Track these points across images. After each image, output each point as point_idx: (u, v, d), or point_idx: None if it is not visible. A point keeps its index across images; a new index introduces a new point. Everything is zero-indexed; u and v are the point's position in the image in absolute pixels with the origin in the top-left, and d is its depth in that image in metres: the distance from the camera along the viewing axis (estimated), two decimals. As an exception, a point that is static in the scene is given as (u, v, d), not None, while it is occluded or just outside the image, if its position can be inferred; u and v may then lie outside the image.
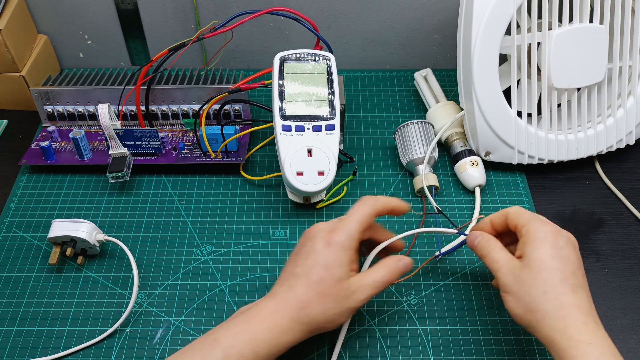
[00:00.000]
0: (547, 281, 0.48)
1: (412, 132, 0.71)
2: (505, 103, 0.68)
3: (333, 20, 0.84)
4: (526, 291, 0.48)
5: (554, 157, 0.71)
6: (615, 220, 0.69)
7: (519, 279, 0.49)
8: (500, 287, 0.51)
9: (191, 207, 0.70)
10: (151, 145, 0.72)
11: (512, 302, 0.49)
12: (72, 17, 0.83)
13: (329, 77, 0.67)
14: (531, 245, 0.50)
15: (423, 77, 0.82)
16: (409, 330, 0.59)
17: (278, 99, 0.65)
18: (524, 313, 0.48)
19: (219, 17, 0.82)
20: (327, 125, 0.65)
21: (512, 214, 0.53)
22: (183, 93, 0.74)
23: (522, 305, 0.48)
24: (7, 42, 0.75)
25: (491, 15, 0.63)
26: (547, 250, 0.49)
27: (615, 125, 0.71)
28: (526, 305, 0.48)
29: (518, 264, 0.50)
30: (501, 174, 0.73)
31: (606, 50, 0.67)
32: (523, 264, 0.49)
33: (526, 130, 0.69)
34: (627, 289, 0.63)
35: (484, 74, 0.66)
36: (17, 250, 0.66)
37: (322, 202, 0.69)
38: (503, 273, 0.50)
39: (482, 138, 0.69)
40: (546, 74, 0.67)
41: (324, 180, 0.64)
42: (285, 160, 0.64)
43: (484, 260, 0.53)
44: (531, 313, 0.48)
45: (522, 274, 0.49)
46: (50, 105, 0.75)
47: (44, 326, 0.60)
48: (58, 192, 0.72)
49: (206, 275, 0.64)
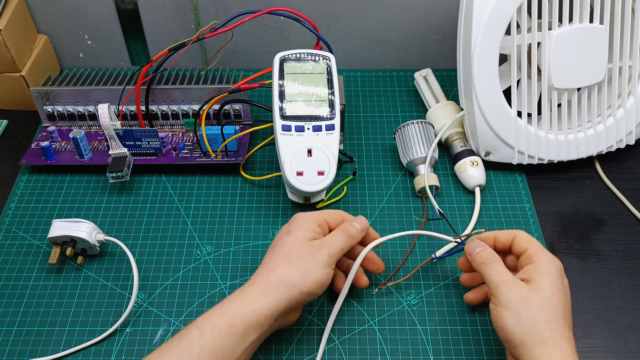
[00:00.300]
0: (553, 311, 0.49)
1: (412, 132, 0.71)
2: (505, 103, 0.68)
3: (333, 20, 0.84)
4: (531, 314, 0.49)
5: (554, 157, 0.71)
6: (615, 220, 0.69)
7: (525, 300, 0.49)
8: (498, 301, 0.50)
9: (191, 207, 0.70)
10: (151, 145, 0.72)
11: (510, 319, 0.49)
12: (72, 17, 0.83)
13: (329, 77, 0.67)
14: (543, 274, 0.51)
15: (423, 77, 0.82)
16: (409, 330, 0.59)
17: (278, 99, 0.65)
18: (523, 334, 0.48)
19: (219, 17, 0.82)
20: (327, 125, 0.65)
21: (522, 238, 0.54)
22: (183, 93, 0.74)
23: (522, 325, 0.49)
24: (7, 42, 0.75)
25: (491, 15, 0.63)
26: (557, 283, 0.50)
27: (615, 125, 0.71)
28: (527, 327, 0.48)
29: (525, 285, 0.50)
30: (501, 174, 0.73)
31: (606, 50, 0.67)
32: (532, 288, 0.50)
33: (526, 130, 0.69)
34: (627, 289, 0.63)
35: (484, 74, 0.66)
36: (17, 250, 0.66)
37: (322, 202, 0.69)
38: (508, 288, 0.50)
39: (482, 138, 0.69)
40: (546, 74, 0.67)
41: (324, 180, 0.64)
42: (285, 160, 0.64)
43: (482, 268, 0.53)
44: (530, 335, 0.48)
45: (530, 296, 0.49)
46: (50, 105, 0.75)
47: (44, 326, 0.60)
48: (58, 192, 0.72)
49: (206, 275, 0.64)
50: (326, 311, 0.60)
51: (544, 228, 0.68)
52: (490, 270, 0.52)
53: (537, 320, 0.48)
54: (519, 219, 0.68)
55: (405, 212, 0.69)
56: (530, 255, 0.53)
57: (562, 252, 0.66)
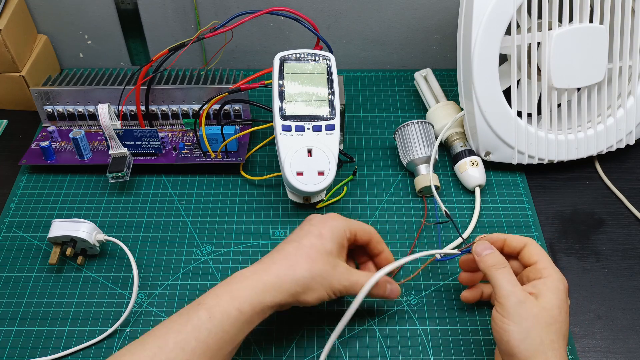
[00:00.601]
0: (557, 332, 0.49)
1: (412, 132, 0.71)
2: (505, 103, 0.68)
3: (333, 20, 0.84)
4: (538, 333, 0.48)
5: (554, 157, 0.71)
6: (616, 220, 0.69)
7: (535, 318, 0.49)
8: (506, 312, 0.49)
9: (191, 207, 0.70)
10: (151, 145, 0.72)
11: (517, 334, 0.48)
12: (72, 17, 0.83)
13: (329, 77, 0.67)
14: (553, 293, 0.50)
15: (423, 77, 0.82)
16: (409, 330, 0.59)
17: (278, 99, 0.65)
18: (528, 351, 0.48)
19: (219, 17, 0.82)
20: (327, 125, 0.65)
21: (533, 249, 0.54)
22: (183, 93, 0.74)
23: (529, 343, 0.48)
24: (7, 42, 0.75)
25: (491, 15, 0.63)
26: (564, 303, 0.50)
27: (616, 125, 0.71)
28: (535, 345, 0.48)
29: (535, 302, 0.50)
30: (501, 174, 0.73)
31: (606, 50, 0.67)
32: (542, 306, 0.49)
33: (526, 130, 0.69)
34: (627, 289, 0.63)
35: (484, 74, 0.66)
36: (17, 250, 0.66)
37: (322, 202, 0.69)
38: (520, 301, 0.49)
39: (482, 138, 0.69)
40: (546, 74, 0.67)
41: (324, 180, 0.64)
42: (285, 160, 0.64)
43: (491, 273, 0.52)
44: (536, 355, 0.48)
45: (541, 315, 0.49)
46: (50, 105, 0.75)
47: (44, 326, 0.60)
48: (58, 192, 0.72)
49: (206, 275, 0.64)
50: (326, 311, 0.60)
51: (544, 228, 0.68)
52: (501, 276, 0.51)
53: (544, 340, 0.48)
54: (519, 219, 0.68)
55: (406, 212, 0.69)
56: (540, 270, 0.52)
57: (562, 252, 0.66)
